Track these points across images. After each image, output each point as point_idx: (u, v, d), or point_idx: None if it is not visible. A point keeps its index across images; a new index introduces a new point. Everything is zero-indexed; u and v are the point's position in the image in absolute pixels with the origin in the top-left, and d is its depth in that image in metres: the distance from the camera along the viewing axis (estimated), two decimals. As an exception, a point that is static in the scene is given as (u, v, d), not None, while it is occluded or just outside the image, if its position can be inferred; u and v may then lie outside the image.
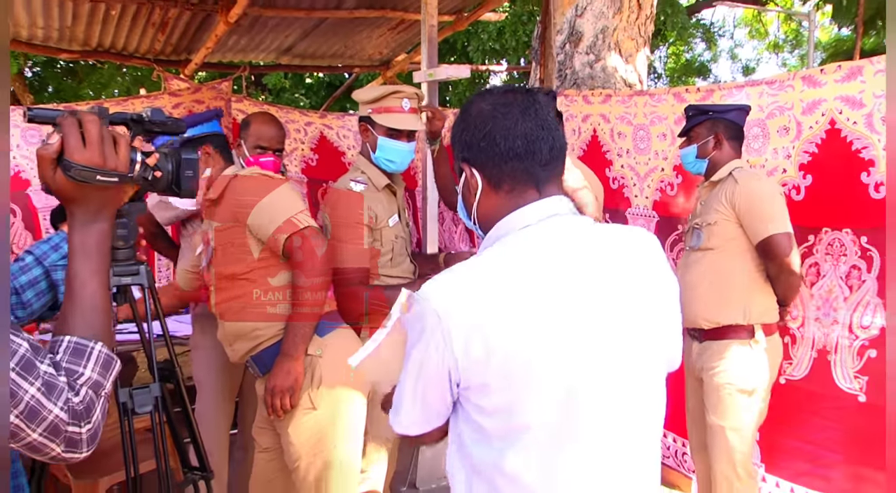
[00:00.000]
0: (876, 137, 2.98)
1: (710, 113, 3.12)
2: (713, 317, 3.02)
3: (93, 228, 1.29)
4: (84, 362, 1.13)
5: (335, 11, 4.97)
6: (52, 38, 5.68)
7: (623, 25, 5.91)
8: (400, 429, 1.45)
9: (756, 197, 2.93)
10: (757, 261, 2.99)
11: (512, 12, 11.80)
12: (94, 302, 1.21)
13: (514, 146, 1.41)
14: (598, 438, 1.35)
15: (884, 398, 2.96)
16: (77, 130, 1.25)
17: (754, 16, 21.12)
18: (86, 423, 1.10)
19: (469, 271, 1.37)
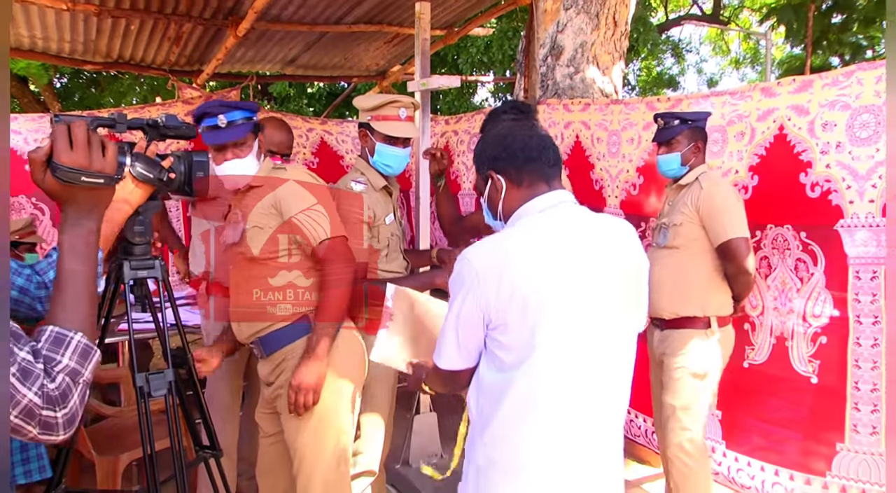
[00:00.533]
0: (814, 142, 3.03)
1: (689, 122, 3.09)
2: (674, 309, 3.07)
3: (81, 226, 1.28)
4: (62, 351, 1.12)
5: (335, 26, 4.96)
6: (78, 51, 5.67)
7: (600, 41, 5.91)
8: (444, 365, 1.76)
9: (718, 203, 2.96)
10: (716, 261, 3.02)
11: (498, 28, 11.79)
12: (78, 295, 1.21)
13: (528, 154, 1.78)
14: (587, 367, 1.68)
15: (833, 380, 2.99)
16: (65, 135, 1.25)
17: (718, 34, 21.19)
18: (61, 408, 1.09)
19: (498, 239, 1.73)
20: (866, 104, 2.84)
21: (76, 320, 1.19)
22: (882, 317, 2.84)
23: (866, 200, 2.85)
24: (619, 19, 5.96)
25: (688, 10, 19.13)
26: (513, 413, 1.67)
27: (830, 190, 2.96)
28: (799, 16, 11.05)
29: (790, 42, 12.87)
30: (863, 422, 2.91)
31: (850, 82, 2.90)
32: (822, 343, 3.04)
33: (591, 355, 1.68)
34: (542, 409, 1.66)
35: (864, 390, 2.90)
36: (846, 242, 2.92)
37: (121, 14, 4.53)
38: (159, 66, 6.06)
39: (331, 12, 4.72)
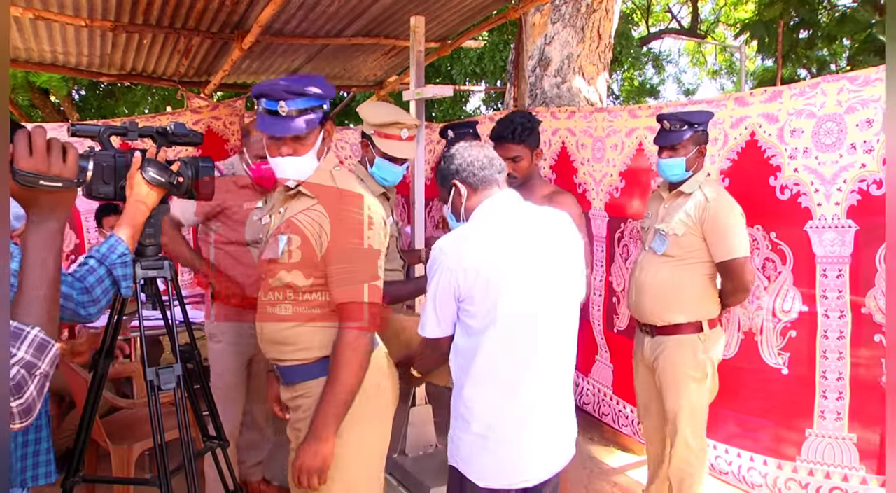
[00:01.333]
0: (783, 147, 3.05)
1: (696, 126, 2.93)
2: (668, 317, 2.94)
3: (42, 226, 1.28)
4: (18, 345, 1.12)
5: (335, 39, 4.96)
6: (95, 64, 5.68)
7: (586, 53, 5.93)
8: (427, 334, 2.04)
9: (723, 221, 2.82)
10: (711, 269, 2.91)
11: (490, 40, 11.81)
12: (37, 293, 1.21)
13: (482, 164, 2.07)
14: (539, 330, 1.96)
15: (803, 370, 3.01)
16: (26, 141, 1.26)
17: (696, 47, 21.26)
18: (16, 398, 1.10)
19: (464, 230, 2.02)
20: (830, 113, 2.86)
21: (34, 314, 1.18)
22: (847, 311, 2.86)
23: (832, 203, 2.87)
24: (604, 33, 5.99)
25: (668, 25, 19.19)
26: (481, 372, 1.96)
27: (800, 193, 2.97)
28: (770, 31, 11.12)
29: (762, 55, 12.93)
30: (829, 409, 2.93)
31: (815, 93, 2.92)
32: (792, 337, 3.05)
33: (541, 320, 1.96)
34: (504, 366, 1.95)
35: (830, 379, 2.92)
36: (814, 242, 2.93)
37: (134, 29, 4.53)
38: (170, 78, 6.06)
39: (331, 26, 4.73)
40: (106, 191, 1.89)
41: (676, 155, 2.94)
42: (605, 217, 4.12)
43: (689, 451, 2.93)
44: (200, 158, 2.07)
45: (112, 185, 1.90)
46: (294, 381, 2.15)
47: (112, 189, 1.90)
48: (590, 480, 3.93)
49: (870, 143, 2.74)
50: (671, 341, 2.94)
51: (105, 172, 1.88)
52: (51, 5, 4.12)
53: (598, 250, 4.22)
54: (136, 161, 1.89)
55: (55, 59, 5.51)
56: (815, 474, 2.98)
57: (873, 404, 2.80)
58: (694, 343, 2.92)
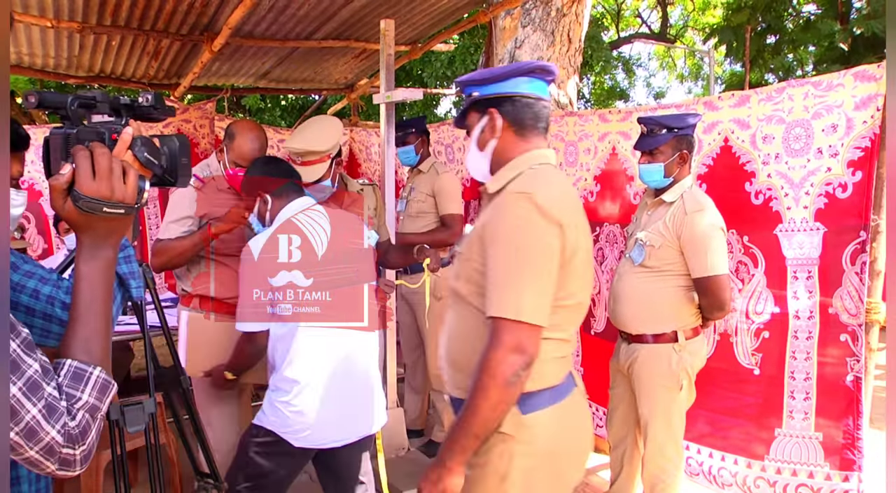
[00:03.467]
0: (756, 153, 3.09)
1: (675, 130, 2.82)
2: (641, 327, 2.89)
3: (99, 256, 1.19)
4: (83, 387, 1.04)
5: (305, 41, 4.94)
6: (62, 66, 5.58)
7: (556, 56, 5.96)
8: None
9: (699, 237, 2.72)
10: (688, 282, 2.81)
11: (461, 44, 11.84)
12: (96, 328, 1.12)
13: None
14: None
15: (773, 371, 3.05)
16: (88, 163, 1.16)
17: (665, 51, 21.50)
18: (80, 445, 1.02)
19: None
20: (797, 119, 2.91)
21: (93, 353, 1.09)
22: (816, 312, 2.90)
23: (801, 207, 2.91)
24: (574, 37, 6.02)
25: (637, 29, 19.40)
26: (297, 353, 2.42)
27: (771, 197, 3.01)
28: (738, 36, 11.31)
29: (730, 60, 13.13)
30: (797, 408, 2.97)
31: (782, 98, 2.96)
32: (765, 338, 3.09)
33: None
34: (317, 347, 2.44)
35: (798, 379, 2.96)
36: (784, 245, 2.98)
37: (102, 30, 4.46)
38: (139, 80, 5.97)
39: (301, 28, 4.70)
40: None
41: (654, 161, 2.85)
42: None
43: (664, 458, 2.90)
44: (177, 136, 1.69)
45: None
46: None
47: None
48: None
49: (835, 147, 2.79)
50: (645, 349, 2.89)
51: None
52: (15, 5, 4.03)
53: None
54: (125, 137, 1.45)
55: (20, 61, 5.41)
56: (782, 472, 3.02)
57: (838, 403, 2.85)
58: (668, 353, 2.85)
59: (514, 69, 1.82)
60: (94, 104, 1.50)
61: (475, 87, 1.86)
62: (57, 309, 1.31)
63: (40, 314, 1.34)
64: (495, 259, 1.65)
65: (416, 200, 4.25)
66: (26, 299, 1.33)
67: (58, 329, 1.32)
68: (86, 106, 1.48)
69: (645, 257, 2.85)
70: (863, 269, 2.73)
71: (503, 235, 1.66)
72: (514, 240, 1.64)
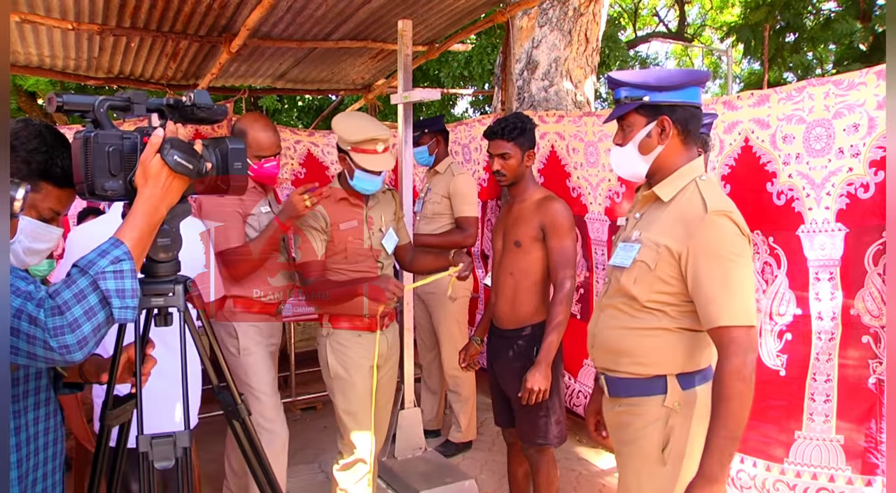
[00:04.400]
0: (777, 153, 3.05)
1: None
2: None
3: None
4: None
5: (323, 42, 4.94)
6: (82, 68, 5.62)
7: (573, 56, 5.94)
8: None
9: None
10: None
11: (478, 44, 11.81)
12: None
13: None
14: None
15: (797, 372, 3.01)
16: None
17: (682, 51, 21.36)
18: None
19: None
20: (818, 118, 2.87)
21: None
22: (838, 313, 2.86)
23: (822, 207, 2.88)
24: (591, 36, 6.00)
25: (655, 28, 19.29)
26: None
27: (793, 198, 2.98)
28: (756, 35, 11.21)
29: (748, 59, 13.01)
30: (818, 411, 2.94)
31: (802, 97, 2.93)
32: (788, 340, 3.05)
33: None
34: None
35: (819, 381, 2.93)
36: (805, 245, 2.94)
37: (121, 32, 4.49)
38: (157, 81, 6.01)
39: (318, 29, 4.70)
40: (113, 186, 1.38)
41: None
42: (606, 221, 4.12)
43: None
44: (229, 138, 1.56)
45: (121, 177, 1.39)
46: (622, 394, 2.04)
47: (121, 184, 1.39)
48: (578, 482, 3.92)
49: (856, 147, 2.75)
50: None
51: (111, 161, 1.37)
52: (37, 8, 4.08)
53: (597, 253, 4.21)
54: (154, 140, 1.38)
55: (42, 63, 5.46)
56: (802, 475, 2.98)
57: (860, 405, 2.80)
58: None
59: (692, 79, 1.92)
60: (129, 106, 1.45)
61: (647, 91, 1.91)
62: (24, 324, 1.20)
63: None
64: (712, 276, 1.80)
65: (432, 202, 4.24)
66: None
67: (25, 347, 1.21)
68: (117, 109, 1.44)
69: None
70: (885, 270, 2.69)
71: (716, 253, 1.80)
72: (727, 257, 1.79)
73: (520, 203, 2.97)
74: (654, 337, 1.95)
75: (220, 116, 1.54)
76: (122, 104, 1.44)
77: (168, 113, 1.49)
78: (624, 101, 1.96)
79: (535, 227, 2.87)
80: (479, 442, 4.53)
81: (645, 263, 1.92)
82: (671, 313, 1.92)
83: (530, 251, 2.89)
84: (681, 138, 1.94)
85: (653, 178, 1.99)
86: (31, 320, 1.20)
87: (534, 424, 2.90)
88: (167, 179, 1.38)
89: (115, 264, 1.28)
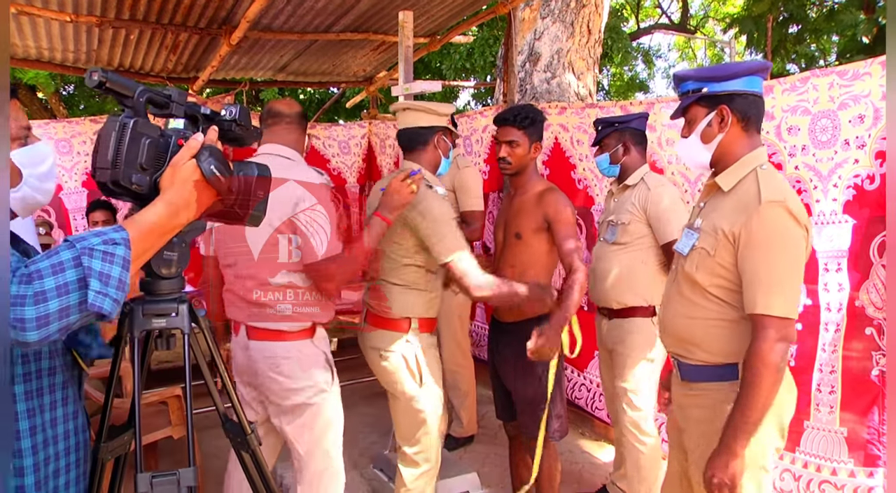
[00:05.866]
0: (782, 145, 3.04)
1: (615, 124, 3.19)
2: (622, 300, 3.13)
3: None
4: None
5: (324, 34, 4.93)
6: (82, 61, 5.61)
7: (575, 48, 5.92)
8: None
9: (665, 206, 3.02)
10: (660, 256, 3.10)
11: (479, 36, 11.77)
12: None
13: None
14: None
15: (805, 363, 3.01)
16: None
17: (685, 42, 21.29)
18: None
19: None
20: (823, 109, 2.86)
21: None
22: (845, 305, 2.85)
23: (830, 199, 2.86)
24: (593, 28, 5.97)
25: (657, 20, 19.21)
26: None
27: (801, 190, 2.97)
28: (759, 26, 11.16)
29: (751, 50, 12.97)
30: (823, 402, 2.93)
31: (806, 88, 2.91)
32: (799, 330, 3.04)
33: None
34: None
35: (825, 372, 2.92)
36: (815, 237, 2.92)
37: (121, 25, 4.48)
38: (157, 74, 6.00)
39: (319, 21, 4.69)
40: (139, 180, 1.27)
41: (602, 151, 3.24)
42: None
43: (637, 430, 3.15)
44: (257, 164, 1.42)
45: (149, 173, 1.28)
46: (693, 379, 2.12)
47: (148, 181, 1.28)
48: (581, 475, 3.92)
49: (862, 138, 2.74)
50: (626, 323, 3.13)
51: (146, 153, 1.27)
52: (34, 0, 4.06)
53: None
54: (193, 144, 1.29)
55: (41, 56, 5.44)
56: (808, 466, 2.98)
57: (863, 397, 2.80)
58: (647, 326, 3.11)
59: (749, 68, 1.98)
60: (168, 104, 1.36)
61: (705, 82, 2.01)
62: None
63: None
64: (757, 262, 1.86)
65: None
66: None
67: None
68: (156, 104, 1.35)
69: (618, 235, 3.14)
70: (887, 262, 2.67)
71: (765, 241, 1.85)
72: (776, 246, 1.85)
73: (521, 195, 2.94)
74: (720, 328, 2.01)
75: (255, 139, 1.46)
76: (161, 100, 1.35)
77: (202, 122, 1.39)
78: (688, 94, 2.07)
79: (536, 218, 2.85)
80: (481, 435, 4.53)
81: (704, 249, 1.99)
82: (733, 302, 1.97)
83: (531, 244, 2.87)
84: (741, 126, 2.00)
85: (717, 166, 2.06)
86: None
87: (535, 417, 2.89)
88: (196, 188, 1.29)
89: (108, 245, 1.15)
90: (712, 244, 1.96)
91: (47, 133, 5.07)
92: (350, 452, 4.34)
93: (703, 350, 2.04)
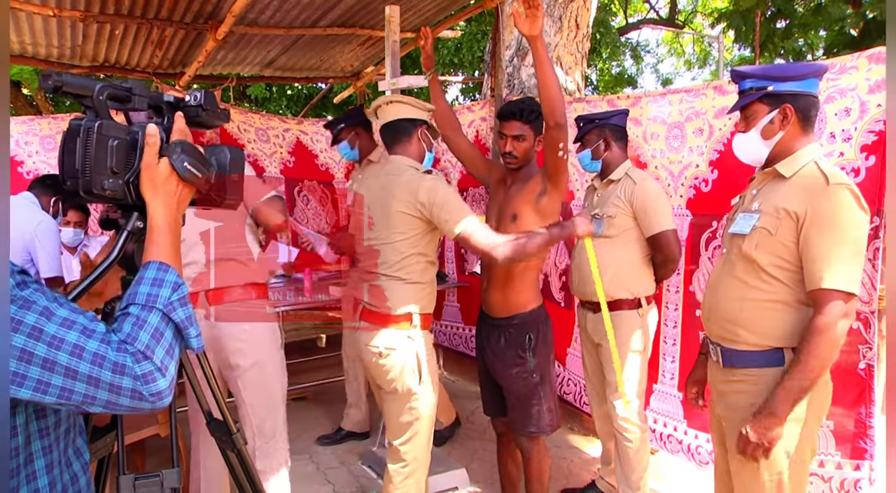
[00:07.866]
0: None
1: (596, 121, 3.23)
2: (607, 292, 3.10)
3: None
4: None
5: (311, 29, 4.90)
6: (66, 56, 5.55)
7: (563, 43, 5.91)
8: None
9: (651, 199, 3.07)
10: (645, 249, 3.15)
11: (467, 31, 11.76)
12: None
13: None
14: None
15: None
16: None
17: (673, 37, 21.33)
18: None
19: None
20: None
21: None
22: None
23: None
24: (581, 23, 5.97)
25: (646, 15, 19.25)
26: None
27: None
28: (747, 21, 11.22)
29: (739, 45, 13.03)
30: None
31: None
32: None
33: None
34: None
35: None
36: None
37: (105, 19, 4.43)
38: (143, 69, 5.94)
39: (306, 16, 4.66)
40: (112, 185, 1.21)
41: (583, 148, 3.28)
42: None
43: (627, 423, 3.17)
44: (228, 146, 1.40)
45: (121, 177, 1.22)
46: (738, 365, 2.15)
47: (121, 185, 1.22)
48: (570, 470, 3.93)
49: (848, 131, 2.74)
50: (613, 316, 3.07)
51: (115, 157, 1.20)
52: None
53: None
54: (152, 140, 1.23)
55: (24, 51, 5.38)
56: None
57: (849, 391, 2.79)
58: (634, 318, 3.16)
59: (813, 70, 2.07)
60: (130, 97, 1.29)
61: (771, 81, 2.08)
62: (106, 372, 1.04)
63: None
64: (822, 239, 1.93)
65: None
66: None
67: (106, 397, 1.05)
68: (117, 99, 1.28)
69: (604, 228, 3.17)
70: (875, 255, 2.68)
71: (832, 219, 1.93)
72: (841, 224, 1.92)
73: (519, 183, 2.93)
74: (772, 310, 2.06)
75: (222, 121, 1.44)
76: (122, 95, 1.28)
77: (167, 111, 1.34)
78: (748, 92, 2.13)
79: (533, 188, 2.84)
80: (469, 431, 4.53)
81: (766, 229, 2.05)
82: (789, 283, 2.04)
83: (527, 224, 2.80)
84: (801, 125, 2.09)
85: (771, 162, 2.14)
86: (115, 368, 1.04)
87: (526, 412, 2.89)
88: (177, 187, 1.25)
89: (177, 291, 1.17)
90: (774, 224, 2.03)
91: (32, 130, 5.02)
92: (337, 448, 4.34)
93: (752, 332, 2.09)
